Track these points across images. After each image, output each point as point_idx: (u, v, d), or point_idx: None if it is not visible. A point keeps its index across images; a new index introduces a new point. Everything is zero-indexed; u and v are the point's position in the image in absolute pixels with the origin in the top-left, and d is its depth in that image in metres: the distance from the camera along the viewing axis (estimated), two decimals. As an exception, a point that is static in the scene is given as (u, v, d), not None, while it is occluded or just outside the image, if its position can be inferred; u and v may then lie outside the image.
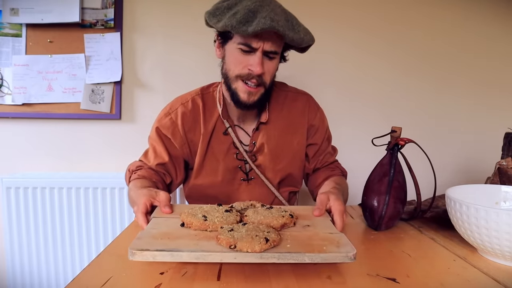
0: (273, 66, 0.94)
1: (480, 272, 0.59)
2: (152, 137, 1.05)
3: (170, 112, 1.05)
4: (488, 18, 1.74)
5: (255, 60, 0.89)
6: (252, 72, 0.90)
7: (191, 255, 0.53)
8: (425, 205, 0.87)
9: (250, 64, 0.90)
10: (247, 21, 0.83)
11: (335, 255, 0.54)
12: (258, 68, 0.89)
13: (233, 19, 0.83)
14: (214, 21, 0.88)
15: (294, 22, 0.89)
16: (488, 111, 1.79)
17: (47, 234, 1.55)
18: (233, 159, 1.04)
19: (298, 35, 0.87)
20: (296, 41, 0.88)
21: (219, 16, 0.87)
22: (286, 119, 1.06)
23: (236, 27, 0.83)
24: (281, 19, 0.85)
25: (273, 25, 0.82)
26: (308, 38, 0.91)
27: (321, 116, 1.12)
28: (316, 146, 1.10)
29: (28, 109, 1.62)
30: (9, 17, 1.56)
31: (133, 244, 0.55)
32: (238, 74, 0.92)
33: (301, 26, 0.90)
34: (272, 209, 0.72)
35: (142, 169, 1.00)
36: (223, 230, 0.60)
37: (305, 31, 0.91)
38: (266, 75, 0.93)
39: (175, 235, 0.60)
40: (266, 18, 0.82)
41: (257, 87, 0.93)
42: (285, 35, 0.85)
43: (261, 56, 0.89)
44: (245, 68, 0.91)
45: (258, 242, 0.54)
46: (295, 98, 1.09)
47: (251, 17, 0.83)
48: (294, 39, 0.87)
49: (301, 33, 0.88)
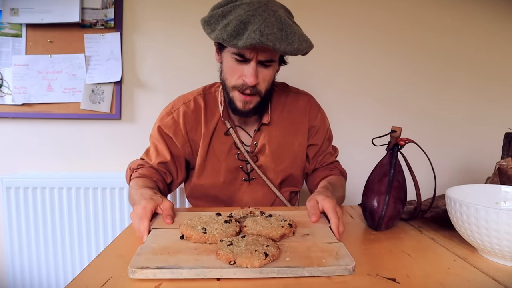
0: (269, 74, 0.93)
1: (480, 272, 0.58)
2: (153, 135, 1.05)
3: (172, 111, 1.04)
4: (489, 18, 1.74)
5: (249, 71, 0.89)
6: (246, 83, 0.90)
7: (191, 272, 0.54)
8: (425, 205, 0.87)
9: (244, 75, 0.90)
10: (238, 33, 0.81)
11: (334, 268, 0.56)
12: (251, 79, 0.89)
13: (224, 32, 0.82)
14: (208, 31, 0.87)
15: (288, 31, 0.84)
16: (488, 111, 1.79)
17: (47, 234, 1.55)
18: (235, 159, 1.04)
19: (291, 46, 0.84)
20: (290, 53, 0.86)
21: (213, 25, 0.86)
22: (287, 120, 1.06)
23: (226, 41, 0.82)
24: (272, 31, 0.81)
25: (262, 41, 0.79)
26: (304, 46, 0.87)
27: (322, 117, 1.11)
28: (317, 147, 1.10)
29: (28, 109, 1.62)
30: (9, 17, 1.56)
31: (133, 262, 0.56)
32: (234, 85, 0.93)
33: (297, 34, 0.86)
34: (271, 217, 0.72)
35: (143, 167, 1.00)
36: (222, 244, 0.60)
37: (301, 40, 0.86)
38: (261, 84, 0.92)
39: (175, 249, 0.61)
40: (256, 32, 0.80)
41: (252, 96, 0.93)
42: (276, 49, 0.82)
43: (255, 67, 0.89)
44: (239, 79, 0.91)
45: (258, 257, 0.55)
46: (296, 99, 1.09)
47: (242, 29, 0.82)
48: (286, 51, 0.84)
49: (295, 44, 0.84)
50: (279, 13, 0.86)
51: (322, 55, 1.68)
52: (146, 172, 0.98)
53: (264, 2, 0.85)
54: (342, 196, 1.04)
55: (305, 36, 0.89)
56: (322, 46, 1.69)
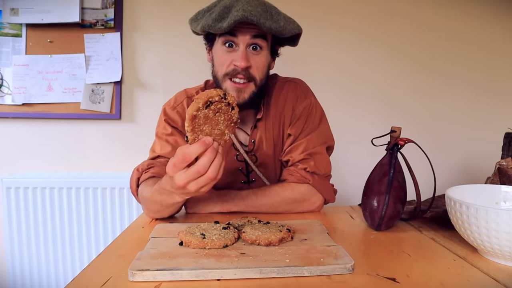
0: (261, 61, 0.91)
1: (480, 272, 0.58)
2: (162, 131, 0.99)
3: (175, 106, 1.01)
4: (490, 18, 1.74)
5: (238, 55, 0.87)
6: (237, 67, 0.88)
7: (191, 273, 0.54)
8: (425, 205, 0.87)
9: (234, 60, 0.88)
10: (222, 18, 0.82)
11: (334, 267, 0.56)
12: (242, 62, 0.86)
13: (209, 18, 0.83)
14: (195, 25, 0.87)
15: (273, 12, 0.86)
16: (488, 111, 1.79)
17: (47, 234, 1.55)
18: (234, 160, 1.02)
19: (277, 24, 0.84)
20: (276, 30, 0.85)
21: (199, 20, 0.87)
22: (277, 110, 1.02)
23: (212, 26, 0.82)
24: (256, 9, 0.82)
25: (245, 15, 0.80)
26: (292, 27, 0.87)
27: (308, 105, 1.00)
28: (291, 138, 0.99)
29: (28, 109, 1.62)
30: (9, 17, 1.56)
31: (133, 265, 0.56)
32: (225, 72, 0.90)
33: (282, 15, 0.87)
34: (269, 224, 0.73)
35: (155, 166, 0.92)
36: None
37: (287, 20, 0.87)
38: (253, 69, 0.90)
39: (175, 254, 0.61)
40: (239, 11, 0.80)
41: (245, 83, 0.90)
42: (260, 24, 0.82)
43: (245, 50, 0.88)
44: (230, 65, 0.89)
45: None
46: (281, 87, 1.04)
47: (226, 13, 0.83)
48: (272, 28, 0.84)
49: (281, 22, 0.85)
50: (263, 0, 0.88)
51: (322, 54, 1.68)
52: (160, 170, 0.89)
53: None
54: (251, 205, 0.91)
55: (291, 19, 0.89)
56: (322, 45, 1.69)
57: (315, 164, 0.94)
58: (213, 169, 0.63)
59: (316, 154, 0.96)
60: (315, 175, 0.94)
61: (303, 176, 0.93)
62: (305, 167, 0.94)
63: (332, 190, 0.99)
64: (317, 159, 0.95)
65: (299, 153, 0.96)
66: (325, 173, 0.97)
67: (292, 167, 0.96)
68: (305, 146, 0.96)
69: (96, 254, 0.65)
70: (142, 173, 0.91)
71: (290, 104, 1.01)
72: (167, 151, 0.95)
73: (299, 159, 0.95)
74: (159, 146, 0.97)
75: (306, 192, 0.93)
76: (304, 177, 0.93)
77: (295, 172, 0.94)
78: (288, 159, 0.98)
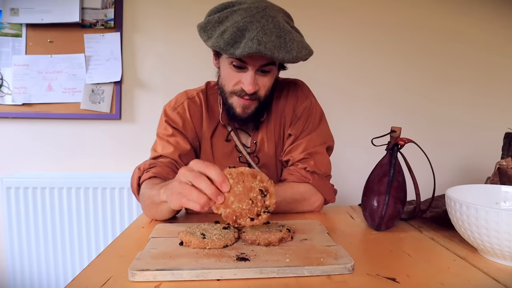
0: (268, 80, 0.91)
1: (480, 272, 0.58)
2: (163, 131, 0.99)
3: (176, 107, 1.01)
4: (490, 18, 1.74)
5: (247, 79, 0.87)
6: (244, 90, 0.88)
7: (191, 273, 0.54)
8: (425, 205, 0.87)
9: (242, 83, 0.88)
10: (235, 41, 0.79)
11: (334, 267, 0.56)
12: (250, 87, 0.86)
13: (220, 40, 0.80)
14: (205, 38, 0.84)
15: (287, 38, 0.82)
16: (488, 111, 1.79)
17: (47, 234, 1.55)
18: (236, 162, 1.02)
19: (289, 54, 0.81)
20: (288, 61, 0.83)
21: (209, 31, 0.84)
22: (277, 111, 1.02)
23: (223, 49, 0.80)
24: (270, 39, 0.79)
25: (259, 49, 0.77)
26: (304, 53, 0.84)
27: (308, 105, 1.01)
28: (292, 138, 0.99)
29: (28, 109, 1.62)
30: (9, 17, 1.57)
31: (133, 265, 0.56)
32: (232, 90, 0.90)
33: (296, 41, 0.83)
34: (269, 224, 0.73)
35: (157, 166, 0.91)
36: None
37: (300, 47, 0.84)
38: (260, 91, 0.90)
39: (175, 254, 0.61)
40: (253, 41, 0.77)
41: (251, 101, 0.91)
42: (274, 58, 0.80)
43: (253, 75, 0.87)
44: (237, 85, 0.89)
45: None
46: (282, 88, 1.04)
47: (239, 37, 0.79)
48: (285, 59, 0.81)
49: (294, 51, 0.82)
50: (278, 19, 0.83)
51: (322, 55, 1.68)
52: (161, 171, 0.90)
53: (262, 7, 0.83)
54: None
55: (304, 43, 0.87)
56: (322, 46, 1.69)
57: (315, 163, 0.94)
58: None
59: (316, 154, 0.96)
60: (315, 175, 0.94)
61: (303, 175, 0.93)
62: (305, 167, 0.94)
63: (332, 190, 0.99)
64: (317, 159, 0.95)
65: (299, 153, 0.96)
66: (325, 172, 0.97)
67: (292, 167, 0.96)
68: (305, 146, 0.96)
69: (96, 254, 0.65)
70: (143, 173, 0.91)
71: (290, 105, 1.01)
72: (169, 152, 0.95)
73: (299, 158, 0.95)
74: (161, 146, 0.97)
75: (306, 192, 0.93)
76: (304, 177, 0.93)
77: (295, 171, 0.94)
78: (288, 159, 0.98)
